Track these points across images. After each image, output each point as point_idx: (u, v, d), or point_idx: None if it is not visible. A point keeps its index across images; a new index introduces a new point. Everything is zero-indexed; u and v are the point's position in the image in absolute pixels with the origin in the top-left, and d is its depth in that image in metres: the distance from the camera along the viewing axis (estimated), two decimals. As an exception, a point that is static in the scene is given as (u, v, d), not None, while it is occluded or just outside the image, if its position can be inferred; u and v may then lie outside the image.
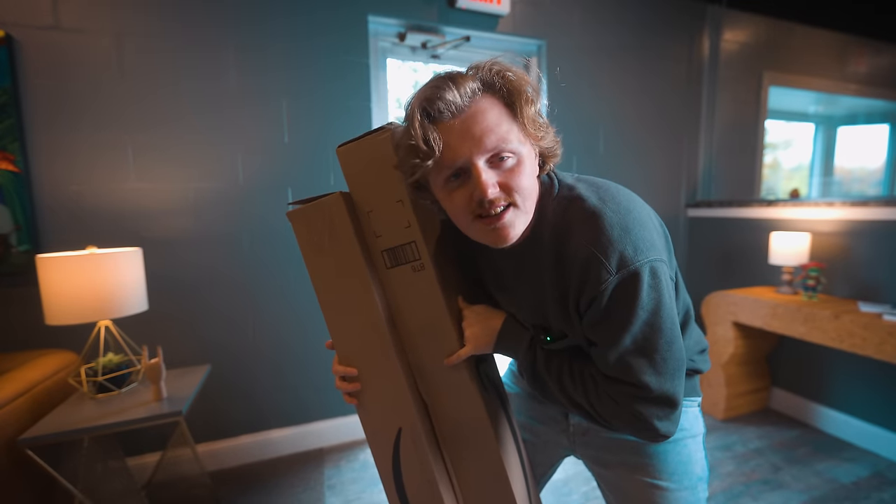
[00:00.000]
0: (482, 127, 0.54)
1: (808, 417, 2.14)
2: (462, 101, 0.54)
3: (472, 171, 0.55)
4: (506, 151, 0.55)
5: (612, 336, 0.58)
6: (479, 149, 0.54)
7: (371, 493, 1.69)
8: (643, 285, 0.55)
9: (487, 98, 0.56)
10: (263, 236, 1.83)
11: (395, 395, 0.71)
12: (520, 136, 0.57)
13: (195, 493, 1.68)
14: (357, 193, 0.69)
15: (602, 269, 0.55)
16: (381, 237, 0.68)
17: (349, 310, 0.71)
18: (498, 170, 0.56)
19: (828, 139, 3.17)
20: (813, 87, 3.06)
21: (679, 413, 0.61)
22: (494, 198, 0.55)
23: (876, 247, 1.87)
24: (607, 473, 0.78)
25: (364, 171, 0.68)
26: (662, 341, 0.57)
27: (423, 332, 0.71)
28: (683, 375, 0.60)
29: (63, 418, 1.24)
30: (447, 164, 0.55)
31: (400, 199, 0.66)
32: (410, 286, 0.69)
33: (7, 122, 1.48)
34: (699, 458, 0.74)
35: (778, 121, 3.05)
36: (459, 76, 0.56)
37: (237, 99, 1.75)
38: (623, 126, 2.49)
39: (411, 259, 0.67)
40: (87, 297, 1.26)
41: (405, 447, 0.72)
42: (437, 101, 0.53)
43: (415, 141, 0.54)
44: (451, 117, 0.54)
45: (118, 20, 1.58)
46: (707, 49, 2.68)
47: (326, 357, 1.98)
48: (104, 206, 1.62)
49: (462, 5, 1.99)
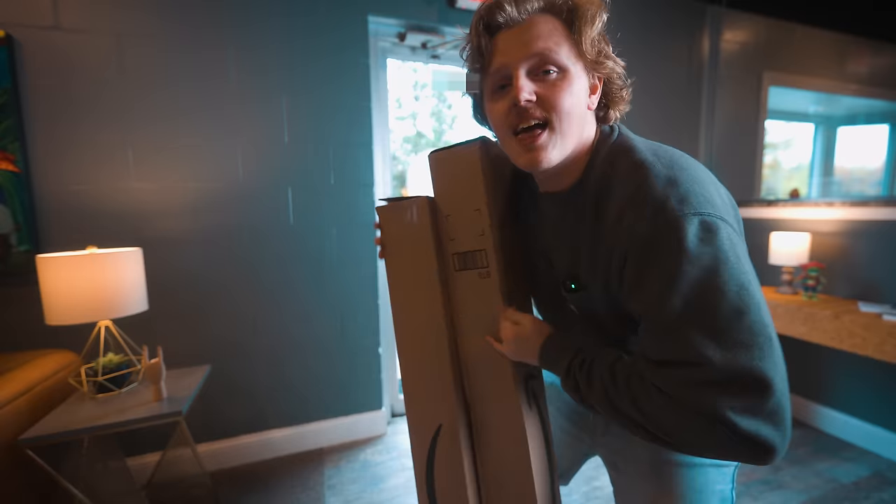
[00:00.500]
0: (531, 34, 0.53)
1: (808, 417, 2.14)
2: (519, 14, 0.54)
3: (513, 78, 0.54)
4: (550, 63, 0.54)
5: (654, 297, 0.48)
6: (523, 54, 0.53)
7: (371, 493, 1.69)
8: (688, 236, 0.46)
9: (546, 15, 0.55)
10: (263, 236, 1.83)
11: (442, 391, 0.74)
12: (572, 54, 0.55)
13: (195, 493, 1.68)
14: (440, 197, 0.73)
15: (638, 218, 0.49)
16: (455, 241, 0.72)
17: (414, 304, 0.75)
18: (539, 81, 0.54)
19: (828, 139, 3.17)
20: (813, 87, 3.06)
21: (779, 405, 0.46)
22: (528, 105, 0.53)
23: (876, 247, 1.87)
24: (620, 478, 0.75)
25: (450, 178, 0.72)
26: (726, 307, 0.45)
27: (479, 337, 0.73)
28: (775, 354, 0.47)
29: (63, 418, 1.24)
30: (493, 71, 0.56)
31: (478, 208, 0.69)
32: (475, 291, 0.72)
33: (7, 122, 1.48)
34: (719, 490, 0.65)
35: (778, 121, 3.05)
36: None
37: (237, 99, 1.75)
38: (623, 126, 2.49)
39: (480, 266, 0.71)
40: (87, 297, 1.26)
41: (442, 443, 0.75)
42: (497, 11, 0.54)
43: (472, 44, 0.56)
44: (506, 28, 0.54)
45: (118, 20, 1.58)
46: (707, 49, 2.68)
47: (326, 357, 1.99)
48: (104, 206, 1.62)
49: (462, 5, 1.99)
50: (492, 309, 0.71)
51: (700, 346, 0.45)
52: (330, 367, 2.00)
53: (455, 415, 0.73)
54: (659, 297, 0.48)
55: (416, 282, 0.75)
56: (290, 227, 1.87)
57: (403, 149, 2.71)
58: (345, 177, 1.93)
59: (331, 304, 1.97)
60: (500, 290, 0.69)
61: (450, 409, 0.74)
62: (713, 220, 0.47)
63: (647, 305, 0.50)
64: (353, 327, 2.02)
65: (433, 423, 0.76)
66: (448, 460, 0.74)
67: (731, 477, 0.68)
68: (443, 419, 0.74)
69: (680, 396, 0.47)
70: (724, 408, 0.45)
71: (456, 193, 0.71)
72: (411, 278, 0.75)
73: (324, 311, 1.96)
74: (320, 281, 1.94)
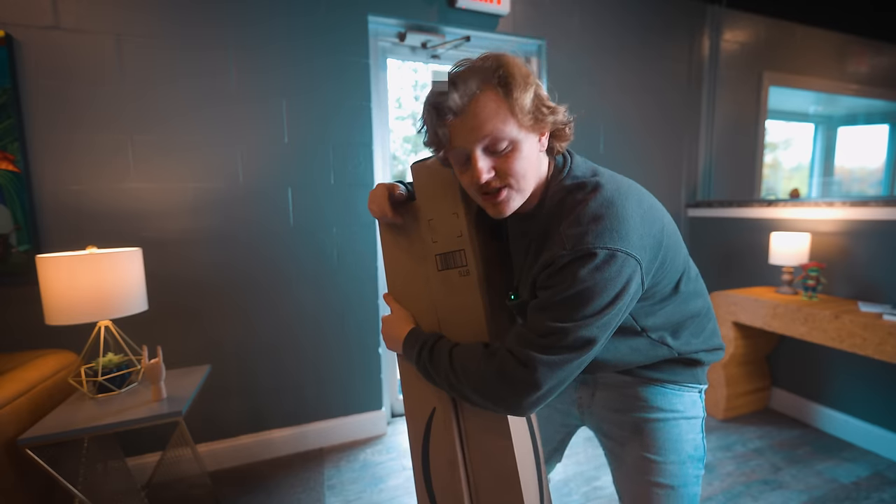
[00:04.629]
0: (478, 121, 0.61)
1: (808, 417, 2.14)
2: (461, 102, 0.61)
3: (471, 157, 0.63)
4: (500, 140, 0.62)
5: (543, 299, 0.63)
6: (476, 138, 0.62)
7: (371, 492, 1.69)
8: (591, 264, 0.59)
9: (485, 93, 0.61)
10: (263, 236, 1.83)
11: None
12: (516, 124, 0.62)
13: (195, 493, 1.68)
14: (423, 203, 0.80)
15: (561, 248, 0.61)
16: (437, 243, 0.79)
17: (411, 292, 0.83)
18: (494, 155, 0.64)
19: (828, 139, 3.17)
20: (813, 87, 3.06)
21: (536, 397, 0.62)
22: (488, 181, 0.64)
23: (876, 247, 1.87)
24: (609, 443, 0.85)
25: (430, 186, 0.80)
26: (580, 314, 0.60)
27: (460, 332, 0.78)
28: (564, 373, 0.62)
29: (63, 418, 1.24)
30: (454, 152, 0.65)
31: (455, 212, 0.77)
32: (456, 288, 0.78)
33: (7, 122, 1.48)
34: (692, 439, 0.79)
35: (778, 121, 3.05)
36: (460, 77, 0.62)
37: (237, 99, 1.75)
38: (623, 126, 2.49)
39: (460, 264, 0.77)
40: (87, 297, 1.26)
41: (436, 426, 0.80)
42: (444, 102, 0.62)
43: (427, 133, 0.67)
44: (453, 117, 0.62)
45: (118, 20, 1.58)
46: (707, 49, 2.68)
47: (326, 357, 1.99)
48: (104, 206, 1.62)
49: (462, 5, 1.99)
50: (473, 304, 0.76)
51: (540, 322, 0.62)
52: (330, 367, 2.00)
53: (448, 398, 0.79)
54: (547, 299, 0.62)
55: (413, 278, 0.82)
56: (290, 227, 1.87)
57: (403, 149, 2.71)
58: (345, 177, 1.93)
59: (331, 304, 1.97)
60: (479, 285, 0.76)
61: (442, 392, 0.79)
62: (619, 255, 0.59)
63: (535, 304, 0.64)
64: (353, 327, 2.02)
65: (427, 407, 0.81)
66: (442, 441, 0.79)
67: (701, 427, 0.81)
68: (436, 403, 0.80)
69: (490, 359, 0.65)
70: (511, 361, 0.63)
71: (436, 199, 0.79)
72: (410, 275, 0.82)
73: (324, 310, 1.96)
74: (320, 281, 1.94)
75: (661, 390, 0.79)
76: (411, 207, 0.82)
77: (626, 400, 0.81)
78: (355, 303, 2.01)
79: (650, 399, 0.79)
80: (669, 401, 0.79)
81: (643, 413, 0.79)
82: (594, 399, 0.86)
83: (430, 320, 0.81)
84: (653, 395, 0.79)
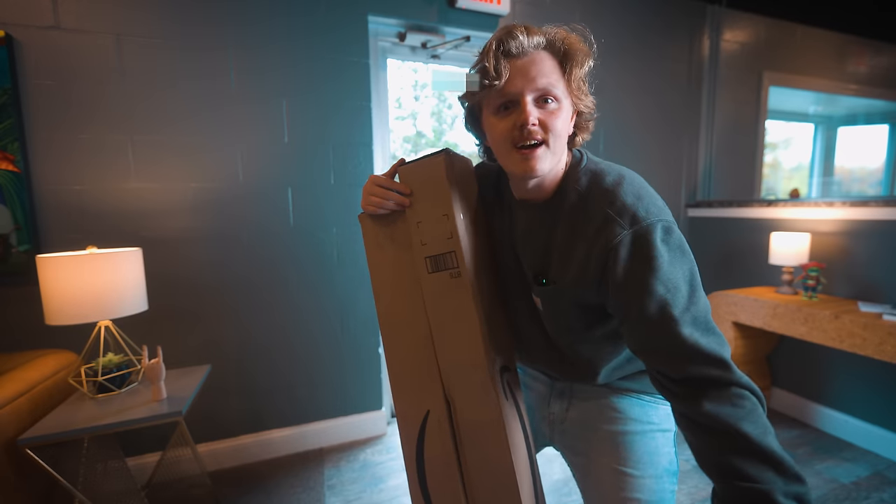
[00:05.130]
0: (537, 69, 0.64)
1: (808, 417, 2.14)
2: (528, 46, 0.65)
3: (520, 103, 0.65)
4: (551, 95, 0.65)
5: (637, 288, 0.61)
6: (531, 86, 0.64)
7: (371, 492, 1.69)
8: (656, 235, 0.61)
9: (547, 53, 0.66)
10: (263, 236, 1.83)
11: (429, 380, 0.80)
12: (564, 90, 0.67)
13: (195, 493, 1.68)
14: (410, 206, 0.79)
15: (616, 224, 0.62)
16: (427, 245, 0.78)
17: (400, 298, 0.81)
18: (541, 109, 0.66)
19: (828, 139, 3.17)
20: (813, 87, 3.06)
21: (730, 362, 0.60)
22: (533, 128, 0.64)
23: (876, 247, 1.87)
24: (580, 461, 0.83)
25: (419, 188, 0.78)
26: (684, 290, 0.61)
27: (454, 335, 0.77)
28: (715, 327, 0.62)
29: (63, 418, 1.24)
30: (503, 92, 0.65)
31: (445, 213, 0.76)
32: (447, 290, 0.77)
33: (7, 122, 1.48)
34: (667, 452, 0.78)
35: (778, 121, 3.05)
36: (531, 28, 0.66)
37: (237, 99, 1.75)
38: (623, 126, 2.49)
39: (451, 266, 0.76)
40: (87, 297, 1.26)
41: (430, 427, 0.80)
42: (511, 39, 0.64)
43: (488, 65, 0.65)
44: (516, 56, 0.65)
45: (118, 20, 1.58)
46: (707, 49, 2.68)
47: (326, 357, 1.99)
48: (104, 206, 1.62)
49: (462, 5, 1.99)
50: (465, 306, 0.76)
51: (676, 326, 0.60)
52: (330, 367, 2.00)
53: (442, 400, 0.79)
54: (642, 286, 0.60)
55: (400, 282, 0.81)
56: (290, 227, 1.87)
57: (403, 149, 2.71)
58: (345, 177, 1.93)
59: (331, 304, 1.97)
60: (471, 286, 0.76)
61: (437, 395, 0.79)
62: (669, 224, 0.63)
63: (630, 295, 0.61)
64: (353, 327, 2.02)
65: (422, 410, 0.80)
66: (438, 443, 0.79)
67: (673, 441, 0.81)
68: (430, 406, 0.79)
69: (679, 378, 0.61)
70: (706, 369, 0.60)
71: (425, 201, 0.78)
72: (396, 278, 0.81)
73: (324, 311, 1.96)
74: (320, 281, 1.94)
75: (636, 401, 0.79)
76: (396, 213, 0.81)
77: (602, 411, 0.80)
78: (355, 303, 2.01)
79: (625, 410, 0.79)
80: (645, 412, 0.79)
81: (618, 426, 0.78)
82: (567, 414, 0.84)
83: (420, 331, 0.79)
84: (628, 405, 0.79)
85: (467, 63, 2.22)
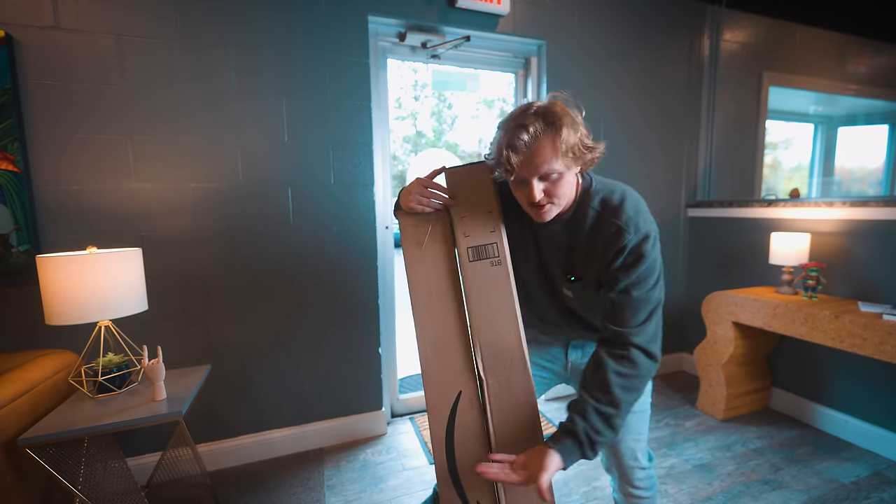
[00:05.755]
0: (539, 160, 0.84)
1: (808, 417, 2.14)
2: (529, 140, 0.84)
3: (529, 184, 0.87)
4: (552, 173, 0.86)
5: (627, 272, 0.88)
6: (535, 173, 0.86)
7: (371, 492, 1.69)
8: (648, 243, 0.88)
9: (546, 135, 0.84)
10: (263, 236, 1.83)
11: (463, 364, 0.92)
12: (563, 165, 0.85)
13: (195, 493, 1.68)
14: (457, 203, 0.96)
15: (625, 233, 0.88)
16: (470, 237, 0.93)
17: (436, 290, 0.94)
18: (546, 181, 0.87)
19: (828, 139, 3.17)
20: (813, 87, 3.06)
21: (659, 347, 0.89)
22: (540, 200, 0.88)
23: (876, 247, 1.87)
24: None
25: (467, 188, 0.96)
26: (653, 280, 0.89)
27: (495, 316, 0.90)
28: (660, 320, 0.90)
29: (63, 418, 1.24)
30: (517, 178, 0.88)
31: (490, 210, 0.95)
32: (488, 277, 0.92)
33: (7, 122, 1.48)
34: (648, 390, 1.04)
35: (778, 121, 3.05)
36: (531, 120, 0.84)
37: (237, 98, 1.75)
38: (623, 126, 2.49)
39: (492, 255, 0.92)
40: (87, 297, 1.26)
41: (462, 407, 0.91)
42: (517, 140, 0.84)
43: (503, 159, 0.87)
44: (523, 149, 0.84)
45: (118, 20, 1.58)
46: (707, 49, 2.68)
47: (326, 357, 1.99)
48: (104, 206, 1.62)
49: (462, 5, 1.99)
50: (505, 289, 0.91)
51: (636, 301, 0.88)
52: (330, 367, 2.00)
53: (474, 383, 0.91)
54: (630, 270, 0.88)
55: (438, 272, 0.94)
56: (290, 226, 1.87)
57: (403, 149, 2.71)
58: (345, 177, 1.93)
59: (331, 304, 1.97)
60: (510, 272, 0.92)
61: (470, 378, 0.91)
62: (656, 235, 0.90)
63: (623, 276, 0.88)
64: (353, 327, 2.02)
65: (453, 391, 0.91)
66: (469, 421, 0.90)
67: (651, 387, 1.06)
68: (462, 387, 0.91)
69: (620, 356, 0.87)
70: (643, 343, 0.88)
71: (472, 199, 0.95)
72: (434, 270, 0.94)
73: (324, 310, 1.96)
74: (320, 281, 1.94)
75: None
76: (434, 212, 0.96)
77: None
78: (355, 302, 2.01)
79: None
80: None
81: None
82: (582, 360, 1.13)
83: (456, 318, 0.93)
84: None
85: (467, 63, 2.22)
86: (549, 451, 0.82)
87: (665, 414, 2.27)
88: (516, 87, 2.39)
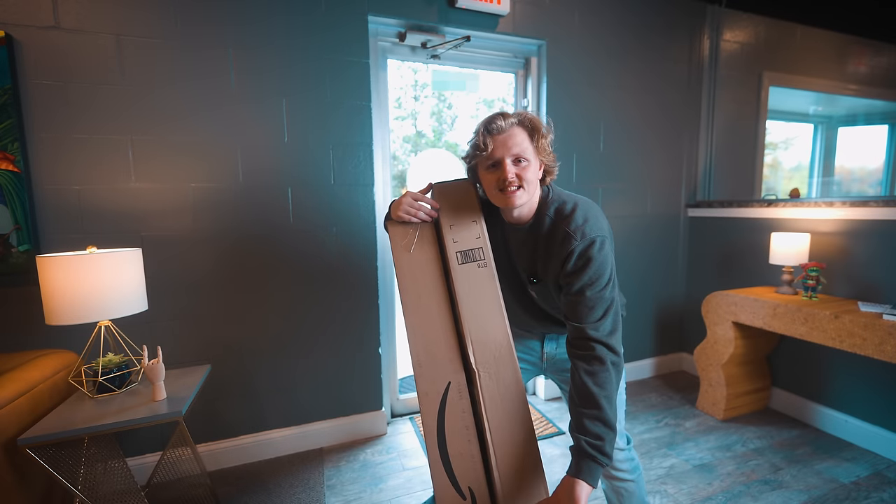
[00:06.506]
0: (513, 141, 0.97)
1: (808, 417, 2.14)
2: (505, 125, 0.98)
3: (502, 164, 0.98)
4: (523, 157, 0.98)
5: (578, 275, 0.95)
6: (508, 153, 0.98)
7: (371, 492, 1.69)
8: (595, 247, 0.95)
9: (519, 127, 0.99)
10: (263, 236, 1.83)
11: (452, 357, 0.99)
12: (533, 153, 0.99)
13: (195, 493, 1.68)
14: (445, 213, 1.07)
15: (572, 239, 0.96)
16: (458, 242, 1.04)
17: (425, 291, 1.02)
18: (517, 166, 0.98)
19: (828, 139, 3.17)
20: (813, 88, 3.06)
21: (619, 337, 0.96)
22: (511, 180, 0.97)
23: (876, 247, 1.87)
24: (566, 375, 1.17)
25: (454, 200, 1.08)
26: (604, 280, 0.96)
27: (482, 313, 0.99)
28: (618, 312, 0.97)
29: (63, 418, 1.24)
30: (490, 157, 0.99)
31: (475, 219, 1.07)
32: (475, 277, 1.02)
33: (7, 122, 1.48)
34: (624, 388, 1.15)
35: (778, 121, 3.05)
36: (506, 114, 0.99)
37: (237, 98, 1.75)
38: (623, 126, 2.49)
39: (479, 259, 1.03)
40: (87, 297, 1.26)
41: (451, 397, 0.97)
42: (492, 123, 0.98)
43: (479, 142, 0.99)
44: (497, 133, 0.98)
45: (118, 20, 1.58)
46: (707, 49, 2.68)
47: (326, 357, 1.99)
48: (104, 206, 1.62)
49: (462, 5, 1.99)
50: (491, 288, 1.01)
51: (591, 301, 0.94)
52: (330, 366, 2.00)
53: (462, 373, 0.98)
54: (580, 275, 0.95)
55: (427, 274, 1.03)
56: (290, 226, 1.87)
57: (403, 149, 2.71)
58: (345, 177, 1.93)
59: (331, 304, 1.97)
60: (494, 273, 1.03)
61: (458, 369, 0.98)
62: (603, 239, 0.97)
63: (573, 280, 0.95)
64: (353, 327, 2.02)
65: (443, 382, 0.97)
66: (458, 410, 0.96)
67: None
68: (451, 378, 0.98)
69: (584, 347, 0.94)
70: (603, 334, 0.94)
71: (459, 210, 1.07)
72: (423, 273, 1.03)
73: (324, 310, 1.96)
74: (320, 281, 1.94)
75: None
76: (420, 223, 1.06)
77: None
78: (355, 302, 2.01)
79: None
80: None
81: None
82: (557, 351, 1.20)
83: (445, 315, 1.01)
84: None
85: (467, 63, 2.23)
86: (573, 482, 0.85)
87: (665, 414, 2.27)
88: (516, 87, 2.39)
